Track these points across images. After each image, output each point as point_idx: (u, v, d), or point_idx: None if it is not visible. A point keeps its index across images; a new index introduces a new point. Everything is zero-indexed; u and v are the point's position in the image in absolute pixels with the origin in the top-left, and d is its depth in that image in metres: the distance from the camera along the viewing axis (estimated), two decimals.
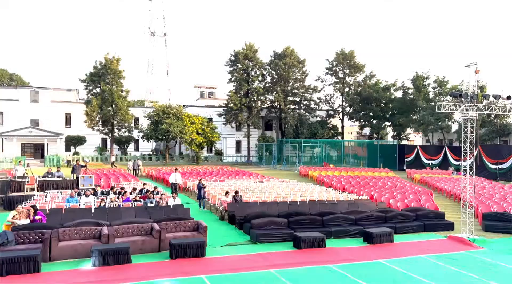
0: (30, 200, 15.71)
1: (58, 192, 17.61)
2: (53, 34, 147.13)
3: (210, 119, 54.37)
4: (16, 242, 9.95)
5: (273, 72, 52.88)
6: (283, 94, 51.80)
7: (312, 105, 55.61)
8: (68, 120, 53.97)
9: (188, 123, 45.69)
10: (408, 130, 54.34)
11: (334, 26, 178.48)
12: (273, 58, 53.38)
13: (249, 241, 12.08)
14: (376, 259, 10.63)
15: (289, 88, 53.12)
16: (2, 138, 49.31)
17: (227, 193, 16.50)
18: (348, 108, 57.01)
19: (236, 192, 16.38)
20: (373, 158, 44.40)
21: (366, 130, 63.74)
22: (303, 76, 54.02)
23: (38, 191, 18.36)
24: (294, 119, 52.43)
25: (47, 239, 9.91)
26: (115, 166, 38.41)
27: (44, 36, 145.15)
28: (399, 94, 53.04)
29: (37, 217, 11.69)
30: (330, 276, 9.22)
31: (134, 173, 32.77)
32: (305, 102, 54.77)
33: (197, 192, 18.49)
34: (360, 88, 54.96)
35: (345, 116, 57.56)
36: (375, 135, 57.72)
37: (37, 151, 51.75)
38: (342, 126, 58.35)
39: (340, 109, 57.68)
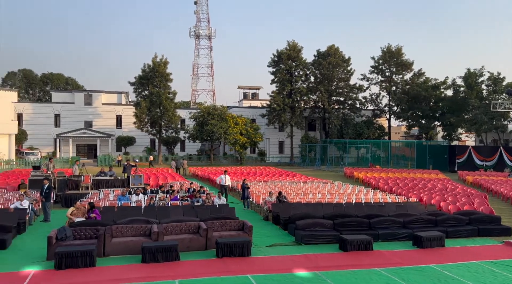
0: (85, 198, 16.60)
1: (110, 190, 18.48)
2: (105, 40, 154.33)
3: (253, 120, 54.77)
4: (74, 237, 10.54)
5: (316, 71, 52.37)
6: (327, 94, 51.18)
7: (357, 105, 54.55)
8: (118, 122, 56.40)
9: (232, 124, 46.31)
10: (460, 130, 51.83)
11: (379, 23, 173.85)
12: (316, 57, 52.88)
13: (294, 242, 12.06)
14: (427, 263, 10.26)
15: (333, 87, 52.40)
16: (59, 140, 52.40)
17: (271, 193, 16.56)
18: (395, 108, 55.36)
19: (280, 193, 16.41)
20: (422, 159, 42.81)
21: (415, 131, 61.59)
22: (348, 76, 53.09)
23: (92, 189, 19.34)
24: (339, 120, 51.64)
25: (101, 235, 10.42)
26: (152, 166, 40.34)
27: (97, 42, 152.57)
28: (449, 92, 50.77)
29: (92, 215, 12.34)
30: (378, 280, 9.01)
31: (178, 172, 33.87)
32: (350, 102, 53.81)
33: (241, 192, 18.73)
34: (408, 87, 53.21)
35: (392, 116, 55.93)
36: (424, 135, 55.63)
37: (90, 151, 54.48)
38: (389, 126, 56.75)
39: (386, 108, 56.14)
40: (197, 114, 47.59)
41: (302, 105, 51.91)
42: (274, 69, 51.64)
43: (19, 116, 51.62)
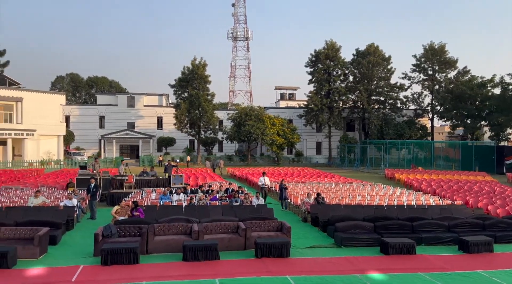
0: (128, 197, 17.17)
1: (152, 189, 19.03)
2: (146, 44, 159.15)
3: (291, 121, 54.59)
4: (118, 234, 10.94)
5: (355, 71, 51.47)
6: (366, 94, 50.17)
7: (398, 105, 53.10)
8: (159, 123, 57.98)
9: (269, 125, 46.39)
10: (509, 130, 49.17)
11: (421, 19, 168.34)
12: (355, 56, 51.97)
13: (333, 244, 11.91)
14: (474, 269, 9.82)
15: (373, 87, 51.30)
16: (104, 140, 54.54)
17: (309, 194, 16.44)
18: (438, 107, 53.43)
19: (318, 194, 16.26)
20: (467, 160, 41.00)
21: (459, 131, 59.12)
22: (388, 74, 51.81)
23: (135, 188, 19.98)
24: (379, 120, 50.46)
25: (144, 233, 10.75)
26: (188, 166, 41.59)
27: (138, 46, 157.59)
28: (497, 91, 48.26)
29: (136, 213, 12.76)
30: None
31: (214, 172, 34.55)
32: (390, 101, 52.48)
33: (279, 192, 18.72)
34: (451, 85, 51.18)
35: (435, 115, 53.97)
36: (469, 135, 53.27)
37: (132, 151, 56.36)
38: (432, 127, 54.85)
39: (429, 108, 54.29)
40: (234, 116, 48.07)
41: (341, 105, 51.17)
42: (312, 69, 51.23)
43: (67, 118, 54.24)
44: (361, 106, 51.74)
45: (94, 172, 20.22)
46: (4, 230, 10.65)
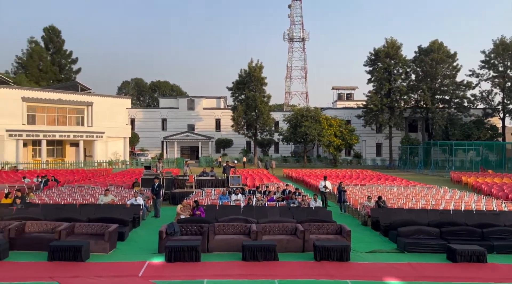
0: (190, 196, 17.78)
1: (211, 189, 19.55)
2: (204, 48, 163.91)
3: (349, 122, 53.46)
4: (181, 232, 11.36)
5: (418, 69, 49.30)
6: (429, 93, 47.83)
7: (465, 104, 50.01)
8: (217, 125, 59.45)
9: (326, 126, 45.77)
10: None
11: (488, 12, 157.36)
12: (417, 54, 49.81)
13: (395, 249, 11.48)
14: None
15: (437, 85, 48.81)
16: (166, 142, 56.94)
17: (369, 197, 15.99)
18: (510, 106, 49.53)
19: (380, 197, 15.77)
20: None
21: None
22: (454, 72, 49.02)
23: (195, 188, 20.63)
24: (443, 120, 47.85)
25: (205, 232, 11.06)
26: (245, 167, 42.30)
27: (197, 51, 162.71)
28: None
29: (197, 212, 13.19)
30: None
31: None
32: (456, 100, 49.57)
33: (337, 195, 18.38)
34: None
35: (507, 115, 50.09)
36: None
37: (192, 152, 58.29)
38: (503, 127, 50.99)
39: (500, 107, 50.50)
40: (290, 117, 48.01)
41: (402, 105, 49.24)
42: (371, 68, 49.85)
43: (132, 121, 57.32)
44: (424, 105, 49.40)
45: (158, 172, 21.15)
46: (78, 225, 11.49)
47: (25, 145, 43.42)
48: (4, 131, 40.33)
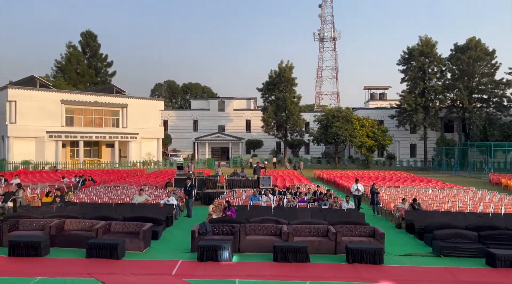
0: (221, 196, 17.96)
1: (242, 190, 19.66)
2: (234, 49, 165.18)
3: (381, 122, 52.43)
4: (213, 232, 11.50)
5: (454, 67, 47.71)
6: (466, 92, 46.17)
7: (505, 103, 47.89)
8: (248, 126, 59.74)
9: (358, 127, 45.06)
10: None
11: None
12: (453, 52, 48.22)
13: (431, 252, 11.16)
14: None
15: (474, 84, 47.07)
16: (197, 143, 57.78)
17: (404, 199, 15.61)
18: None
19: (414, 199, 15.38)
20: None
21: None
22: (493, 70, 47.13)
23: (226, 188, 20.81)
24: (481, 120, 46.05)
25: (236, 232, 11.15)
26: (275, 167, 42.33)
27: (227, 52, 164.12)
28: None
29: (228, 212, 13.31)
30: None
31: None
32: (495, 99, 47.59)
33: (370, 197, 18.05)
34: None
35: None
36: None
37: (223, 153, 58.85)
38: None
39: None
40: (321, 117, 47.58)
41: (437, 104, 47.78)
42: (405, 67, 48.71)
43: (165, 123, 58.50)
44: (460, 105, 47.73)
45: (190, 172, 21.48)
46: (114, 224, 11.85)
47: (63, 145, 45.18)
48: (45, 133, 42.12)
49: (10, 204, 15.89)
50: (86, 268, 9.36)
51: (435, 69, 47.72)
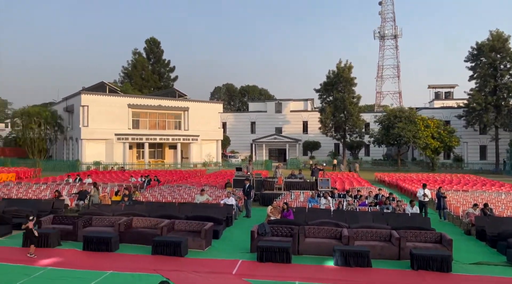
0: (279, 198, 18.00)
1: (300, 192, 19.56)
2: (290, 50, 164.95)
3: (447, 122, 49.72)
4: (271, 233, 11.57)
5: None
6: None
7: None
8: (305, 127, 59.37)
9: (422, 127, 42.99)
10: None
11: None
12: None
13: (505, 262, 10.38)
14: None
15: None
16: (255, 144, 58.39)
17: (475, 205, 14.65)
18: None
19: (486, 205, 14.39)
20: None
21: None
22: None
23: (284, 190, 20.83)
24: None
25: (295, 234, 11.12)
26: (335, 169, 41.61)
27: (284, 53, 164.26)
28: None
29: (286, 214, 13.32)
30: None
31: None
32: None
33: (436, 201, 17.13)
34: None
35: None
36: None
37: (280, 154, 58.94)
38: None
39: None
40: (382, 118, 46.00)
41: (510, 103, 44.26)
42: (473, 64, 45.71)
43: (224, 125, 59.80)
44: None
45: (248, 173, 21.77)
46: (178, 223, 12.33)
47: (130, 147, 47.78)
48: (113, 135, 44.84)
49: (86, 201, 17.16)
50: (152, 265, 9.83)
51: (508, 66, 44.28)
